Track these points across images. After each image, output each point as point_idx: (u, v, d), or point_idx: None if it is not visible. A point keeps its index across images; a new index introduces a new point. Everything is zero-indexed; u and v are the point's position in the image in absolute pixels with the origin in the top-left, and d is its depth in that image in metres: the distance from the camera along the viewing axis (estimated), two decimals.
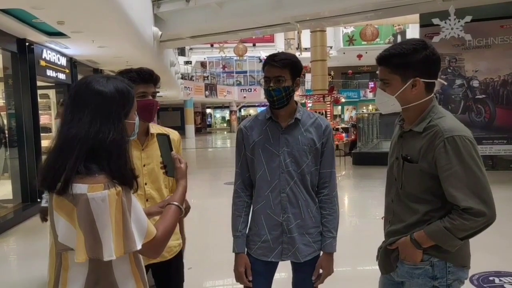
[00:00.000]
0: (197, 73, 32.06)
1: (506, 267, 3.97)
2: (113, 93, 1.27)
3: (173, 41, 10.98)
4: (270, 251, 1.97)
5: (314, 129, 1.97)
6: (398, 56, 1.62)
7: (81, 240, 1.18)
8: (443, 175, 1.56)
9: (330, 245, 1.99)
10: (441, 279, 1.63)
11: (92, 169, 1.20)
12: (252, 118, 2.07)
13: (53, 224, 1.25)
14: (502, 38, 9.51)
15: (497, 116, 9.68)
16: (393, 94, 1.65)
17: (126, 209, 1.21)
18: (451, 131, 1.57)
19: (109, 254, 1.19)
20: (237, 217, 2.03)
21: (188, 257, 2.42)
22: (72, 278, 1.25)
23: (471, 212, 1.52)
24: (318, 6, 8.68)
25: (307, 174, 1.95)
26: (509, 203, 6.85)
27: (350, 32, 27.83)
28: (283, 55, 1.93)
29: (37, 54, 7.62)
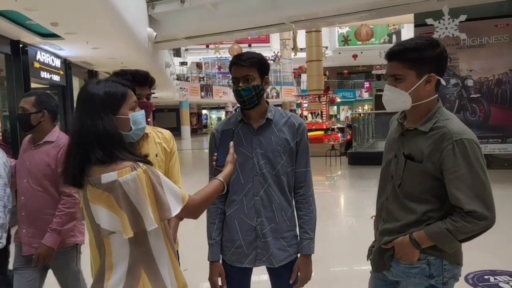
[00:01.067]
0: (192, 74, 32.03)
1: (501, 266, 3.99)
2: (98, 92, 1.43)
3: (168, 42, 10.95)
4: (244, 256, 1.93)
5: (287, 128, 1.93)
6: (414, 50, 1.59)
7: (124, 220, 1.35)
8: (448, 177, 1.56)
9: (308, 247, 1.94)
10: (437, 277, 1.64)
11: (114, 157, 1.37)
12: (225, 121, 2.03)
13: (92, 217, 1.41)
14: (496, 37, 9.56)
15: (492, 115, 9.73)
16: (407, 90, 1.61)
17: (156, 183, 1.39)
18: (460, 134, 1.56)
19: (151, 224, 1.37)
20: (211, 224, 1.98)
21: (184, 258, 2.42)
22: (116, 260, 1.41)
23: (474, 216, 1.52)
24: (313, 6, 8.69)
25: (283, 175, 1.91)
26: (504, 202, 6.88)
27: (346, 32, 27.92)
28: (249, 54, 1.89)
29: (31, 56, 7.59)
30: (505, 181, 8.61)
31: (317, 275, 1.98)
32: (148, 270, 1.42)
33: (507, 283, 3.64)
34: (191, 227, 2.22)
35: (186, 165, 15.17)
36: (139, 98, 1.99)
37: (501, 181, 8.56)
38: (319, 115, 16.74)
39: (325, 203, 8.02)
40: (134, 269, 1.40)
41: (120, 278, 1.39)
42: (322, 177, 10.97)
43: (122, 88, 1.48)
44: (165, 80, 15.47)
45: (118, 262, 1.40)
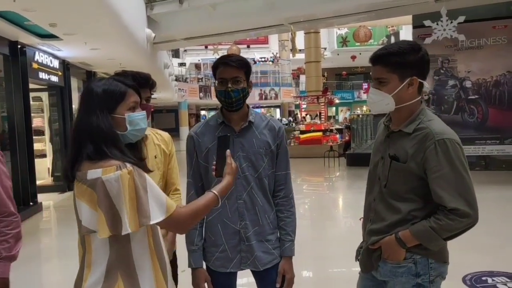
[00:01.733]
0: (191, 75, 32.01)
1: (499, 267, 3.98)
2: (98, 90, 1.43)
3: (166, 43, 10.94)
4: (229, 261, 1.91)
5: (268, 131, 1.93)
6: (396, 54, 1.64)
7: (102, 219, 1.31)
8: (432, 176, 1.59)
9: (289, 249, 1.94)
10: (424, 275, 1.66)
11: (104, 155, 1.35)
12: (203, 124, 1.99)
13: (76, 211, 1.40)
14: (494, 39, 9.58)
15: (490, 116, 9.75)
16: (390, 93, 1.66)
17: (140, 187, 1.34)
18: (442, 134, 1.60)
19: (125, 228, 1.32)
20: (192, 230, 1.93)
21: (182, 260, 2.41)
22: (94, 260, 1.38)
23: (457, 213, 1.55)
24: (311, 8, 8.69)
25: (265, 177, 1.90)
26: (502, 203, 6.90)
27: (344, 34, 27.93)
28: (237, 56, 1.88)
29: (29, 56, 7.59)
30: (503, 182, 8.62)
31: (315, 275, 1.99)
32: (125, 276, 1.37)
33: (504, 284, 3.64)
34: None
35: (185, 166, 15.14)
36: None
37: (499, 182, 8.58)
38: (317, 116, 16.75)
39: (323, 204, 8.02)
40: (111, 272, 1.36)
41: (97, 281, 1.36)
42: (321, 178, 10.97)
43: (122, 87, 1.45)
44: (164, 81, 15.47)
45: (96, 262, 1.37)
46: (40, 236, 6.59)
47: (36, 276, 4.70)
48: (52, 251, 5.78)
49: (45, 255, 5.55)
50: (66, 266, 4.99)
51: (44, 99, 9.69)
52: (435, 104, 10.08)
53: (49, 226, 7.29)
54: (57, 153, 9.58)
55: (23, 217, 6.90)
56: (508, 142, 9.65)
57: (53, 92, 9.45)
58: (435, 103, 10.09)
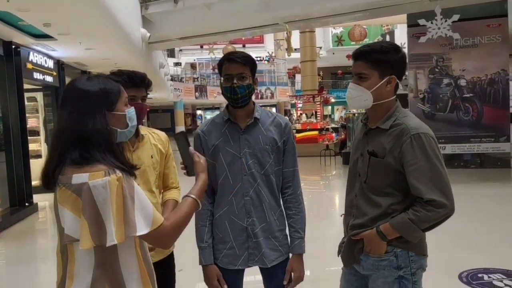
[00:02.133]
0: (187, 75, 31.96)
1: (495, 264, 4.00)
2: (92, 89, 1.33)
3: (161, 42, 10.90)
4: (237, 258, 1.91)
5: (274, 127, 1.93)
6: (379, 52, 1.70)
7: (85, 228, 1.21)
8: (408, 169, 1.66)
9: (299, 246, 1.93)
10: (405, 268, 1.72)
11: (90, 159, 1.25)
12: (209, 122, 1.99)
13: (58, 219, 1.29)
14: (489, 37, 9.63)
15: (485, 114, 9.80)
16: (370, 89, 1.72)
17: (127, 195, 1.25)
18: (417, 129, 1.67)
19: (111, 239, 1.22)
20: (202, 227, 1.94)
21: (179, 259, 2.41)
22: (78, 270, 1.27)
23: (434, 204, 1.61)
24: (306, 7, 8.69)
25: (271, 174, 1.90)
26: (497, 201, 6.94)
27: (339, 33, 27.98)
28: (243, 53, 1.88)
29: (23, 56, 7.54)
30: (498, 180, 8.67)
31: (311, 274, 1.99)
32: (113, 286, 1.29)
33: (500, 281, 3.66)
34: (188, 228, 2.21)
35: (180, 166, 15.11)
36: (134, 100, 1.97)
37: (494, 180, 8.62)
38: (313, 115, 16.77)
39: (319, 203, 8.03)
40: (98, 284, 1.27)
41: None
42: (317, 177, 10.99)
43: (116, 84, 1.40)
44: (159, 80, 15.43)
45: (80, 273, 1.27)
46: (36, 236, 6.56)
47: (33, 276, 4.68)
48: (48, 251, 5.75)
49: (41, 256, 5.53)
50: None
51: (39, 99, 9.63)
52: (430, 103, 10.13)
53: (45, 227, 7.26)
54: None
55: (19, 218, 6.88)
56: (503, 139, 9.71)
57: (48, 92, 9.40)
58: (430, 102, 10.13)
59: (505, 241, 4.78)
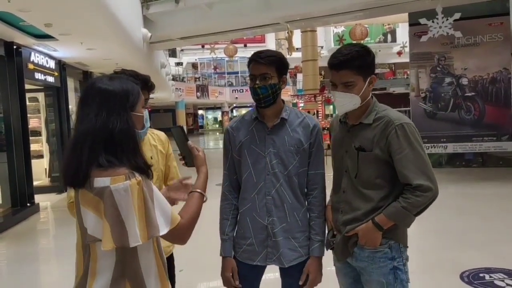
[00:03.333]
0: (188, 75, 31.97)
1: (496, 264, 3.99)
2: (115, 89, 1.37)
3: (163, 42, 10.91)
4: (255, 254, 1.93)
5: (302, 129, 1.92)
6: (358, 58, 1.80)
7: (107, 230, 1.26)
8: (396, 158, 1.76)
9: (318, 249, 1.92)
10: (398, 259, 1.82)
11: (113, 162, 1.29)
12: (239, 119, 2.02)
13: (81, 219, 1.34)
14: (491, 36, 9.60)
15: (486, 113, 9.77)
16: (358, 94, 1.81)
17: (148, 197, 1.30)
18: (400, 119, 1.79)
19: (136, 240, 1.27)
20: (224, 220, 1.99)
21: (179, 259, 2.41)
22: (100, 268, 1.33)
23: (421, 189, 1.72)
24: (307, 6, 8.68)
25: (294, 175, 1.90)
26: (499, 200, 6.92)
27: (341, 32, 27.94)
28: (269, 52, 1.89)
29: (25, 57, 7.55)
30: (500, 179, 8.64)
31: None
32: (133, 282, 1.35)
33: (502, 281, 3.65)
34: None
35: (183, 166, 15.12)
36: None
37: (496, 179, 8.60)
38: (315, 115, 16.75)
39: None
40: (119, 281, 1.33)
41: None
42: None
43: (136, 86, 1.44)
44: (161, 80, 15.44)
45: (102, 271, 1.33)
46: (37, 237, 6.57)
47: (34, 276, 4.68)
48: (50, 252, 5.77)
49: (43, 256, 5.53)
50: (64, 267, 4.98)
51: (41, 100, 9.65)
52: (431, 102, 10.10)
53: (47, 227, 7.28)
54: (54, 154, 9.55)
55: (20, 218, 6.89)
56: (505, 138, 9.68)
57: (49, 92, 9.42)
58: (432, 101, 10.11)
59: (507, 241, 4.77)
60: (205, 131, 40.63)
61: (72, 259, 1.46)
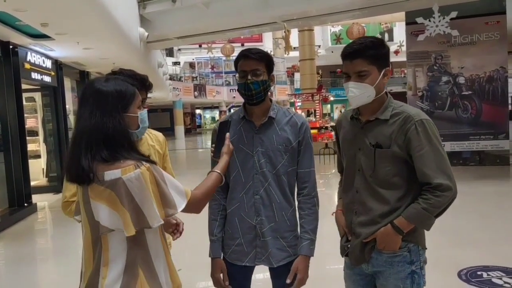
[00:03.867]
0: (185, 74, 31.92)
1: (494, 262, 4.01)
2: (109, 90, 1.44)
3: (160, 42, 10.88)
4: (244, 255, 1.92)
5: (290, 127, 1.91)
6: (372, 47, 1.73)
7: (127, 217, 1.35)
8: (415, 155, 1.69)
9: (307, 248, 1.89)
10: (416, 262, 1.75)
11: (118, 157, 1.38)
12: (227, 118, 2.00)
13: (90, 213, 1.41)
14: (487, 35, 9.63)
15: (483, 112, 9.80)
16: (372, 84, 1.73)
17: (160, 180, 1.40)
18: (419, 115, 1.73)
19: (157, 220, 1.39)
20: (213, 221, 1.97)
21: (178, 258, 2.40)
22: (112, 257, 1.41)
23: (441, 188, 1.65)
24: (304, 5, 8.68)
25: (283, 174, 1.89)
26: (497, 198, 6.94)
27: (338, 31, 27.96)
28: (258, 49, 1.89)
29: (21, 57, 7.53)
30: (498, 177, 8.68)
31: (311, 273, 1.97)
32: (145, 269, 1.42)
33: (499, 279, 3.66)
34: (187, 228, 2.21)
35: (180, 165, 15.11)
36: None
37: (494, 177, 8.63)
38: (312, 114, 16.75)
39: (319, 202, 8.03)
40: (132, 267, 1.41)
41: (117, 276, 1.39)
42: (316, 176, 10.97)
43: (131, 87, 1.50)
44: (158, 80, 15.41)
45: (115, 259, 1.40)
46: (35, 236, 6.55)
47: (32, 276, 4.67)
48: (48, 251, 5.75)
49: (40, 256, 5.52)
50: (62, 266, 4.96)
51: (37, 100, 9.62)
52: (429, 101, 10.13)
53: (44, 227, 7.26)
54: (51, 154, 9.52)
55: (18, 218, 6.87)
56: (502, 137, 9.71)
57: (46, 92, 9.39)
58: (429, 99, 10.13)
59: (504, 239, 4.78)
60: (202, 130, 40.59)
61: (70, 258, 1.47)
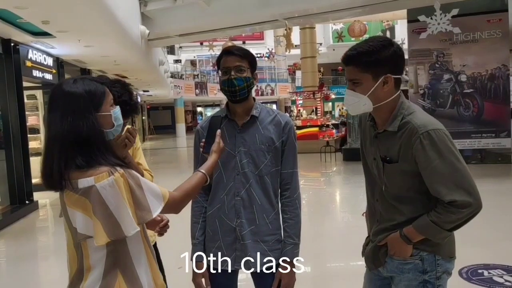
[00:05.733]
0: (187, 72, 31.91)
1: (495, 260, 4.00)
2: (79, 91, 1.40)
3: (161, 39, 10.88)
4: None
5: (273, 126, 1.85)
6: (367, 54, 1.58)
7: (98, 226, 1.32)
8: (424, 172, 1.56)
9: (291, 252, 1.84)
10: (430, 272, 1.64)
11: (91, 163, 1.34)
12: (209, 118, 1.91)
13: (69, 220, 1.40)
14: (489, 32, 9.59)
15: (485, 110, 9.78)
16: (365, 94, 1.61)
17: (134, 186, 1.36)
18: (425, 126, 1.56)
19: (133, 227, 1.35)
20: (194, 224, 1.92)
21: (178, 256, 2.41)
22: (93, 262, 1.39)
23: (456, 205, 1.51)
24: (306, 3, 8.67)
25: (266, 175, 1.83)
26: (498, 196, 6.93)
27: (340, 29, 27.92)
28: (240, 46, 1.86)
29: (22, 54, 7.53)
30: (499, 175, 8.67)
31: (313, 271, 1.97)
32: (124, 271, 1.41)
33: (500, 277, 3.66)
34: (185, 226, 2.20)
35: (181, 163, 15.14)
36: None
37: (495, 175, 8.62)
38: (314, 112, 16.75)
39: (320, 200, 8.03)
40: (111, 270, 1.39)
41: (96, 279, 1.38)
42: (317, 174, 10.98)
43: (100, 86, 1.46)
44: (159, 78, 15.41)
45: (95, 265, 1.39)
46: (36, 234, 6.57)
47: (34, 274, 4.68)
48: (49, 249, 5.77)
49: (42, 254, 5.53)
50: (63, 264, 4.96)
51: (39, 97, 9.63)
52: (430, 98, 10.10)
53: (46, 224, 7.27)
54: None
55: (19, 216, 6.88)
56: (504, 135, 9.69)
57: (47, 90, 9.36)
58: (431, 97, 10.11)
59: (505, 237, 4.78)
60: None
61: None
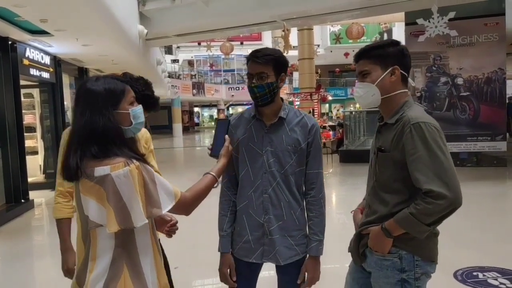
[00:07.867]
0: (184, 72, 31.89)
1: (490, 262, 4.02)
2: (98, 89, 1.46)
3: (159, 39, 10.88)
4: (252, 252, 1.94)
5: (300, 128, 1.92)
6: (377, 48, 1.75)
7: (111, 214, 1.36)
8: (409, 159, 1.63)
9: (316, 249, 1.93)
10: (409, 272, 1.68)
11: (108, 154, 1.40)
12: (238, 116, 2.03)
13: (81, 208, 1.45)
14: (486, 36, 9.65)
15: (481, 113, 9.83)
16: (374, 82, 1.74)
17: (148, 180, 1.41)
18: (417, 118, 1.65)
19: (141, 219, 1.39)
20: (223, 217, 2.00)
21: (174, 256, 2.41)
22: (100, 252, 1.43)
23: (432, 195, 1.55)
24: (304, 4, 8.69)
25: (291, 175, 1.91)
26: (493, 199, 6.96)
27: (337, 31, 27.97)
28: (267, 51, 1.88)
29: (20, 53, 7.51)
30: (494, 178, 8.70)
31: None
32: (130, 266, 1.44)
33: (495, 279, 3.68)
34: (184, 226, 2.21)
35: (178, 163, 15.11)
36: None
37: (490, 178, 8.65)
38: (310, 113, 16.77)
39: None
40: (117, 263, 1.42)
41: (102, 271, 1.41)
42: None
43: (121, 85, 1.52)
44: (157, 77, 15.40)
45: (102, 254, 1.43)
46: (32, 233, 6.55)
47: (29, 273, 4.67)
48: (45, 248, 5.75)
49: (37, 252, 5.51)
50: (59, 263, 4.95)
51: (36, 96, 9.60)
52: (427, 101, 10.14)
53: (41, 223, 7.25)
54: (49, 150, 9.50)
55: (15, 215, 6.86)
56: (499, 138, 9.74)
57: (44, 88, 9.36)
58: (427, 100, 10.15)
59: (500, 239, 4.80)
60: (200, 128, 40.58)
61: None
